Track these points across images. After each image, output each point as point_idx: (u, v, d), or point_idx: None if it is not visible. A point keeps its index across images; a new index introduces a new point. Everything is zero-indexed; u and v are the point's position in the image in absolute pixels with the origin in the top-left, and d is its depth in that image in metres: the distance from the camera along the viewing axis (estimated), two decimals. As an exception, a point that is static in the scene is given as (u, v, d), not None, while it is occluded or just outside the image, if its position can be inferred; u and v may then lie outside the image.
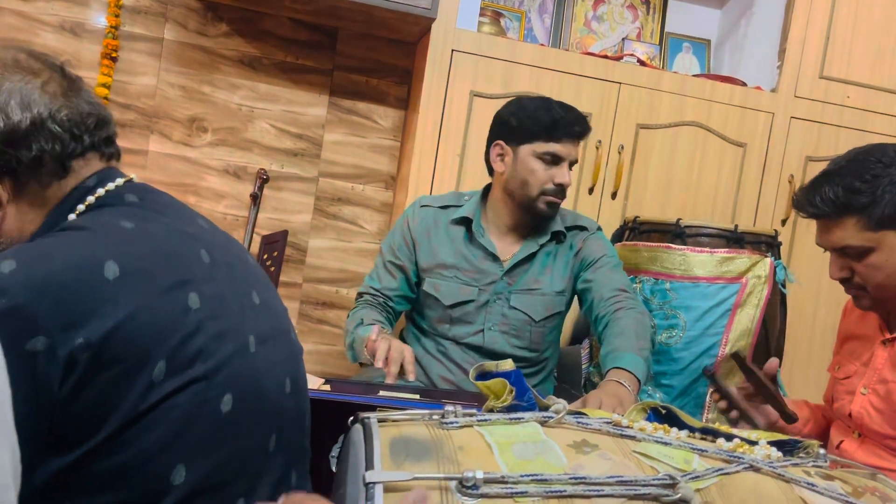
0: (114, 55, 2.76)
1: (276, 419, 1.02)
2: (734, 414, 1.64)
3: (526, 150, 1.99)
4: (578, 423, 0.81)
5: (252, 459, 0.97)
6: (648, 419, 0.89)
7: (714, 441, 0.83)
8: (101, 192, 1.00)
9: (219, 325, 0.95)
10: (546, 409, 0.84)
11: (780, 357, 2.40)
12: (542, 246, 2.06)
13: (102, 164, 1.04)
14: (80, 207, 0.99)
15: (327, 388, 1.65)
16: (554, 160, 1.98)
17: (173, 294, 0.92)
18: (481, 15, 2.78)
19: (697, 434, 0.85)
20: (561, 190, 2.00)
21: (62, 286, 0.82)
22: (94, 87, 2.71)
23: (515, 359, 2.01)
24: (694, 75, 2.89)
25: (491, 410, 0.85)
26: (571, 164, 2.02)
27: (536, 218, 2.06)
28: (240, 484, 0.95)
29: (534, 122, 1.98)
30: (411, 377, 1.77)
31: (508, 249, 2.08)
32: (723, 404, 1.65)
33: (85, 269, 0.85)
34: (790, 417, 1.60)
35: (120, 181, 1.03)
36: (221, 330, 0.96)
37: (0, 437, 0.57)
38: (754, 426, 1.62)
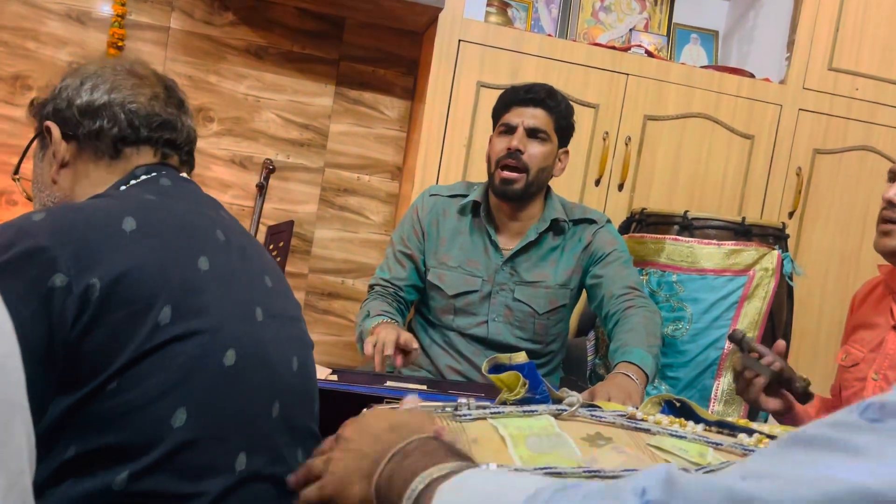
0: (120, 44, 2.75)
1: (281, 389, 1.05)
2: (777, 366, 1.57)
3: (494, 132, 2.07)
4: (592, 415, 0.80)
5: (254, 418, 1.00)
6: (663, 412, 0.88)
7: (732, 435, 0.82)
8: (144, 177, 1.10)
9: (226, 289, 1.01)
10: (559, 401, 0.83)
11: (787, 349, 2.40)
12: (541, 235, 2.05)
13: (156, 159, 1.14)
14: (123, 188, 1.09)
15: (334, 378, 1.65)
16: (508, 130, 2.01)
17: (184, 254, 0.99)
18: (488, 5, 2.77)
19: (713, 428, 0.84)
20: (511, 156, 1.98)
21: (82, 232, 0.91)
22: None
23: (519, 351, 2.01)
24: (702, 67, 2.87)
25: (504, 403, 0.84)
26: (533, 134, 2.00)
27: (517, 203, 2.04)
28: (241, 439, 0.98)
29: (497, 104, 2.07)
30: (415, 353, 1.79)
31: (510, 240, 2.08)
32: (769, 358, 1.58)
33: (105, 220, 0.94)
34: (804, 395, 1.58)
35: (164, 172, 1.12)
36: (228, 295, 1.01)
37: (17, 420, 0.57)
38: (789, 388, 1.57)
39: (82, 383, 0.88)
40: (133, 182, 1.09)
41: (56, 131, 1.11)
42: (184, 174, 1.16)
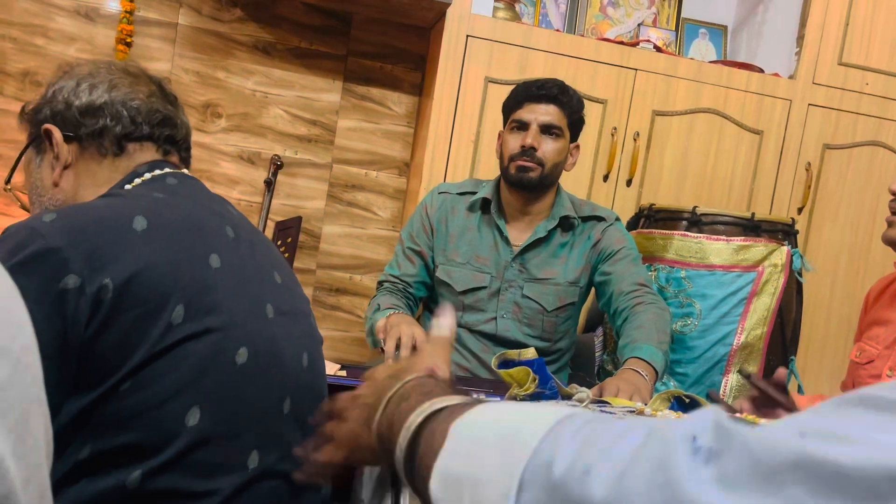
0: (128, 40, 2.75)
1: (292, 386, 1.06)
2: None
3: (506, 128, 2.06)
4: (602, 411, 0.80)
5: (266, 416, 1.01)
6: (672, 408, 0.88)
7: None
8: (147, 176, 1.10)
9: (238, 287, 1.01)
10: (569, 397, 0.83)
11: (796, 345, 2.39)
12: (550, 232, 2.05)
13: (158, 156, 1.14)
14: (128, 187, 1.09)
15: (343, 373, 1.65)
16: (521, 126, 2.01)
17: (196, 252, 0.99)
18: (496, 0, 2.77)
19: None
20: (525, 154, 1.98)
21: (94, 233, 0.91)
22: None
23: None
24: (710, 62, 2.86)
25: (514, 398, 0.84)
26: (547, 130, 2.00)
27: (529, 194, 2.04)
28: (254, 436, 0.98)
29: (508, 99, 2.07)
30: None
31: (519, 236, 2.08)
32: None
33: (116, 221, 0.94)
34: None
35: (168, 170, 1.12)
36: (240, 292, 1.01)
37: (35, 415, 0.58)
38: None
39: (96, 384, 0.88)
40: (137, 180, 1.09)
41: (57, 134, 1.10)
42: (184, 171, 1.16)
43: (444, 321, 0.87)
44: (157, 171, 1.10)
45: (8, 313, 0.56)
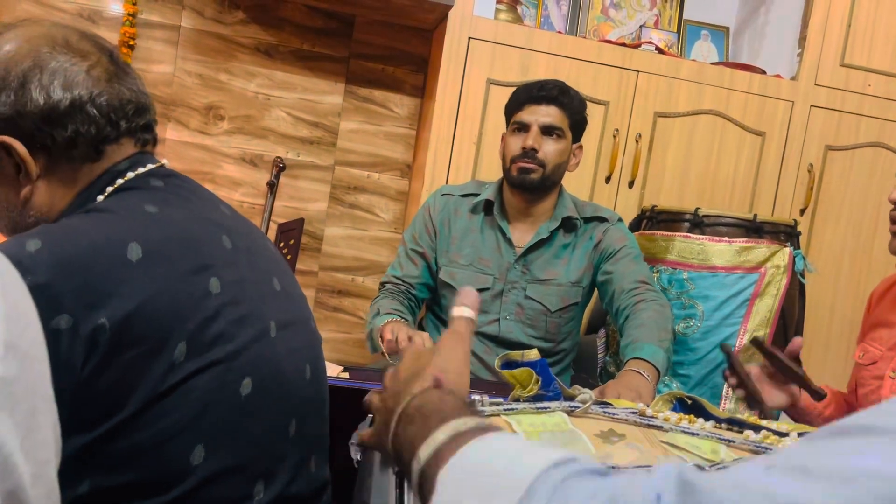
0: (131, 43, 2.76)
1: (296, 405, 1.03)
2: (740, 392, 1.59)
3: (508, 130, 2.08)
4: (605, 412, 0.80)
5: (272, 443, 0.98)
6: (674, 409, 0.88)
7: (741, 432, 0.82)
8: (130, 175, 1.00)
9: (239, 309, 0.96)
10: (571, 398, 0.83)
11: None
12: (553, 233, 2.05)
13: (136, 149, 1.03)
14: (109, 189, 0.99)
15: (346, 375, 1.65)
16: (522, 128, 2.03)
17: (194, 278, 0.92)
18: (498, 2, 2.77)
19: (724, 425, 0.84)
20: (526, 155, 1.99)
21: (86, 266, 0.83)
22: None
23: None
24: (712, 63, 2.86)
25: (517, 400, 0.84)
26: (548, 131, 2.01)
27: (531, 195, 2.05)
28: (259, 467, 0.95)
29: (510, 101, 2.08)
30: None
31: (522, 237, 2.08)
32: (733, 381, 1.61)
33: (109, 250, 0.86)
34: (818, 394, 1.57)
35: (150, 166, 1.03)
36: (242, 315, 0.96)
37: (42, 410, 0.58)
38: (759, 409, 1.56)
39: (96, 423, 0.84)
40: (120, 181, 0.99)
41: (20, 148, 0.94)
42: (164, 162, 1.06)
43: (467, 303, 0.82)
44: (140, 169, 1.01)
45: (16, 309, 0.56)
